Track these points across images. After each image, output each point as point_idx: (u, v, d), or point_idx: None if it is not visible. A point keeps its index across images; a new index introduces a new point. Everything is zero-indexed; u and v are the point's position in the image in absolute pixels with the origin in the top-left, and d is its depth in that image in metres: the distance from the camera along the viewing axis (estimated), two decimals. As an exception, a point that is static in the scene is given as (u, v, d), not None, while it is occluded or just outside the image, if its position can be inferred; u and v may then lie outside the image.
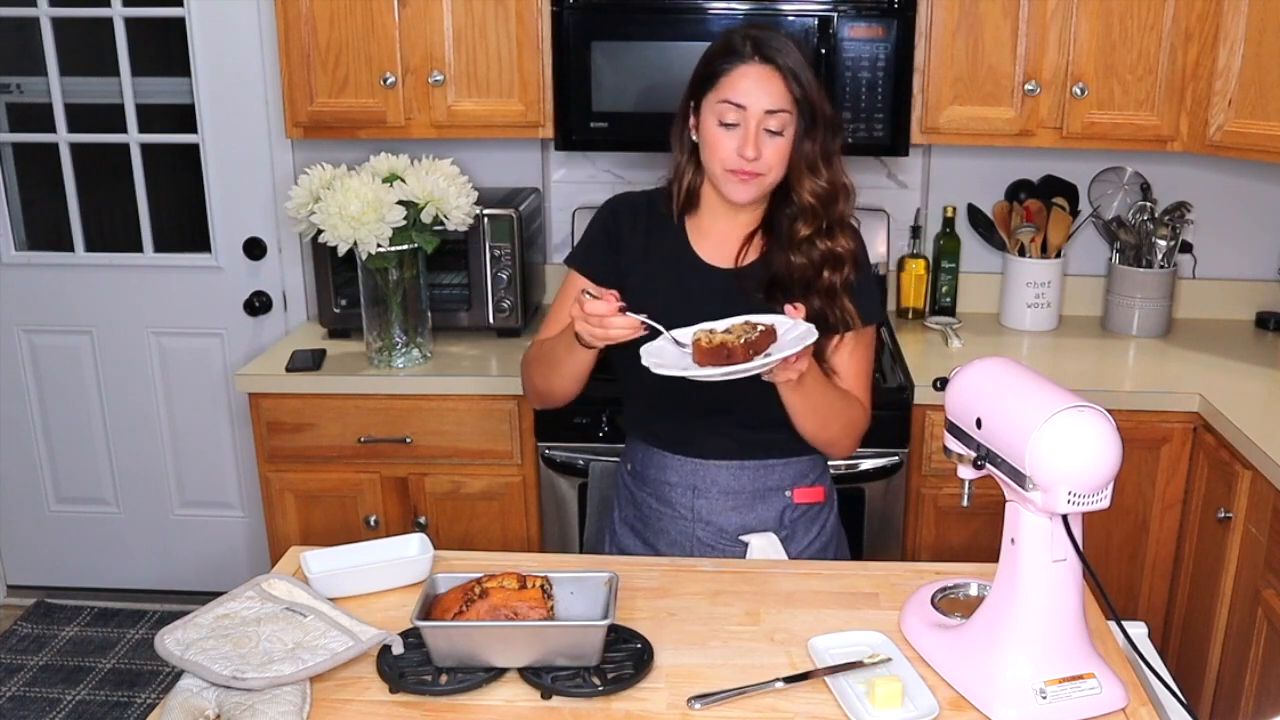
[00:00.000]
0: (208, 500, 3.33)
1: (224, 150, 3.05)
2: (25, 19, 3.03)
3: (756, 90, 1.63)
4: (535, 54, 2.59)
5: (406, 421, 2.53)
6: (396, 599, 1.54)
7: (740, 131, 1.64)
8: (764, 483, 1.78)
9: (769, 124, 1.64)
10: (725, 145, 1.65)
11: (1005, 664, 1.30)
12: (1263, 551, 2.09)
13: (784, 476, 1.79)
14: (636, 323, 1.54)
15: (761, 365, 1.49)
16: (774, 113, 1.64)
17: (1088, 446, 1.22)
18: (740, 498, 1.77)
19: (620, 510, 1.91)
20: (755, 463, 1.77)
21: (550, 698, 1.32)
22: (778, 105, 1.64)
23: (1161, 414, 2.41)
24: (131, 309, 3.18)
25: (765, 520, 1.78)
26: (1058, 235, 2.82)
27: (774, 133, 1.65)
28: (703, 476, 1.77)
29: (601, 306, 1.54)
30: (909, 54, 2.49)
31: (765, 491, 1.78)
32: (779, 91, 1.64)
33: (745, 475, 1.77)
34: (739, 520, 1.78)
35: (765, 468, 1.78)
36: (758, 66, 1.64)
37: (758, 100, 1.63)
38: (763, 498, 1.78)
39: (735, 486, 1.77)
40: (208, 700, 1.30)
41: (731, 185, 1.68)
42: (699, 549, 1.79)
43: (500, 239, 2.67)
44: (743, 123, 1.64)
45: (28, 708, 2.89)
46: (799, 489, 1.80)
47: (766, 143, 1.65)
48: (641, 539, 1.85)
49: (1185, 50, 2.47)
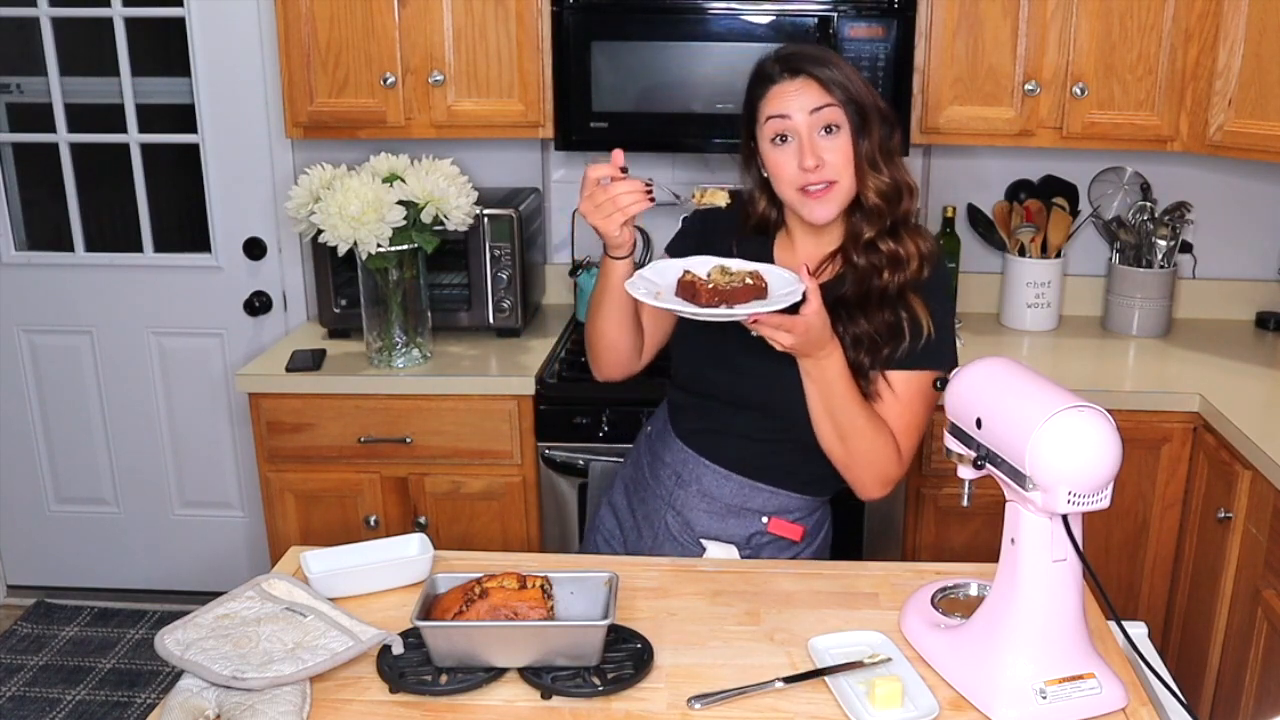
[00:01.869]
0: (208, 500, 3.33)
1: (224, 150, 3.05)
2: (25, 19, 3.03)
3: (795, 98, 1.60)
4: (535, 54, 2.59)
5: (406, 421, 2.53)
6: (396, 599, 1.54)
7: (794, 144, 1.61)
8: (743, 501, 1.75)
9: (819, 124, 1.59)
10: (787, 165, 1.61)
11: (1005, 664, 1.30)
12: (1263, 551, 2.09)
13: (767, 503, 1.75)
14: (640, 184, 1.52)
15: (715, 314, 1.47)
16: (819, 110, 1.59)
17: (1088, 446, 1.22)
18: (716, 504, 1.76)
19: (625, 469, 1.93)
20: (742, 479, 1.74)
21: (550, 698, 1.32)
22: (820, 103, 1.59)
23: (1161, 414, 2.41)
24: (131, 309, 3.18)
25: (733, 534, 1.76)
26: (1058, 235, 2.82)
27: (828, 131, 1.60)
28: (690, 470, 1.77)
29: (604, 169, 1.52)
30: (909, 54, 2.49)
31: (742, 509, 1.75)
32: (817, 92, 1.59)
33: (728, 486, 1.75)
34: (707, 524, 1.76)
35: (751, 488, 1.74)
36: (789, 82, 1.61)
37: (799, 105, 1.59)
38: (737, 514, 1.75)
39: (715, 492, 1.76)
40: (208, 700, 1.30)
41: (808, 207, 1.63)
42: (664, 534, 1.79)
43: (500, 239, 2.67)
44: (793, 133, 1.61)
45: (28, 708, 2.89)
46: (776, 519, 1.75)
47: (823, 145, 1.60)
48: (628, 500, 1.87)
49: (1185, 50, 2.47)
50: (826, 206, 1.63)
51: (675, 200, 1.59)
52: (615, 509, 1.91)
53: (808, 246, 1.73)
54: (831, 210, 1.63)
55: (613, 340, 1.75)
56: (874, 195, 1.63)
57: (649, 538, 1.81)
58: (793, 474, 1.73)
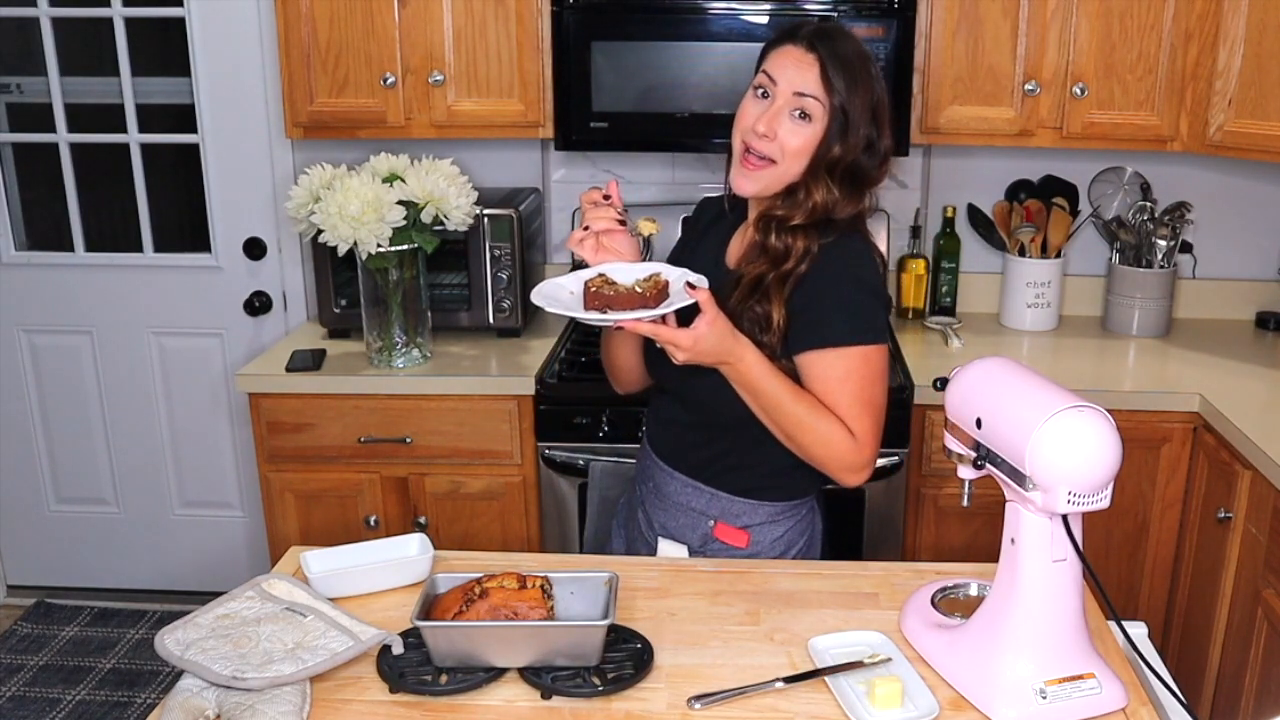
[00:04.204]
0: (208, 500, 3.33)
1: (224, 150, 3.05)
2: (25, 19, 3.03)
3: (793, 68, 1.56)
4: (535, 54, 2.59)
5: (406, 421, 2.53)
6: (396, 599, 1.54)
7: (766, 105, 1.57)
8: (688, 501, 1.74)
9: (795, 105, 1.55)
10: (749, 115, 1.58)
11: (1005, 664, 1.30)
12: (1263, 551, 2.09)
13: (710, 505, 1.72)
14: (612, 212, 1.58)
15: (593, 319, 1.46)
16: (804, 96, 1.55)
17: (1088, 446, 1.22)
18: (667, 502, 1.76)
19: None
20: (685, 478, 1.74)
21: (550, 698, 1.32)
22: (809, 90, 1.55)
23: (1161, 414, 2.41)
24: (131, 309, 3.18)
25: (687, 535, 1.75)
26: (1058, 235, 2.82)
27: (800, 116, 1.56)
28: (646, 466, 1.80)
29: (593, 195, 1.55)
30: (909, 54, 2.49)
31: (688, 509, 1.74)
32: (814, 79, 1.55)
33: (673, 484, 1.75)
34: (664, 520, 1.77)
35: (693, 488, 1.73)
36: (802, 50, 1.56)
37: (789, 78, 1.56)
38: (685, 513, 1.75)
39: (665, 490, 1.76)
40: (208, 700, 1.30)
41: (736, 172, 1.60)
42: (636, 533, 1.83)
43: (500, 239, 2.67)
44: (771, 97, 1.57)
45: (28, 708, 2.89)
46: (722, 524, 1.72)
47: (788, 126, 1.56)
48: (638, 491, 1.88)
49: (1185, 50, 2.47)
50: (751, 181, 1.59)
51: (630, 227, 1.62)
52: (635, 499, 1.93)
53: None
54: (754, 186, 1.60)
55: (625, 360, 1.79)
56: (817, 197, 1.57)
57: (635, 537, 1.84)
58: (732, 475, 1.71)
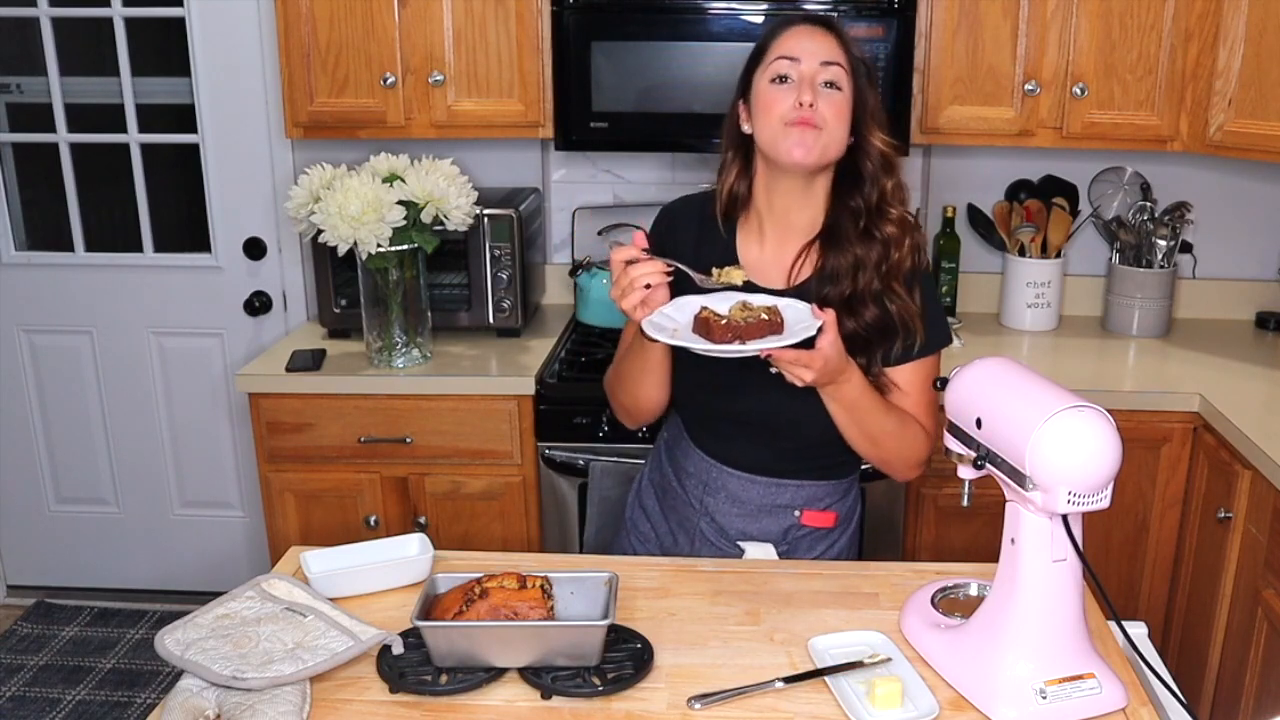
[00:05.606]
0: (208, 500, 3.33)
1: (224, 150, 3.05)
2: (25, 19, 3.03)
3: (810, 42, 1.56)
4: (535, 54, 2.59)
5: (406, 421, 2.53)
6: (396, 599, 1.54)
7: (794, 85, 1.55)
8: (772, 499, 1.75)
9: (823, 76, 1.55)
10: (781, 102, 1.55)
11: (1005, 664, 1.30)
12: (1263, 551, 2.09)
13: (795, 497, 1.75)
14: (661, 265, 1.50)
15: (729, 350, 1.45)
16: (830, 64, 1.55)
17: (1088, 446, 1.22)
18: (746, 506, 1.75)
19: (650, 472, 1.91)
20: (767, 480, 1.74)
21: (550, 698, 1.32)
22: (832, 57, 1.55)
23: (1161, 414, 2.41)
24: (131, 309, 3.18)
25: (769, 532, 1.76)
26: (1058, 235, 2.82)
27: (830, 86, 1.55)
28: (714, 478, 1.76)
29: (629, 251, 1.50)
30: (909, 54, 2.49)
31: (772, 507, 1.75)
32: (833, 46, 1.56)
33: (754, 489, 1.74)
34: (741, 526, 1.76)
35: (776, 486, 1.74)
36: (809, 27, 1.58)
37: (812, 51, 1.55)
38: (769, 512, 1.75)
39: (742, 496, 1.75)
40: (208, 700, 1.30)
41: (791, 141, 1.55)
42: (700, 539, 1.78)
43: (500, 239, 2.67)
44: (797, 76, 1.55)
45: (28, 708, 2.89)
46: (809, 511, 1.75)
47: (823, 96, 1.55)
48: (659, 504, 1.85)
49: (1185, 50, 2.47)
50: (808, 147, 1.55)
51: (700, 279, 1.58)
52: (647, 512, 1.89)
53: (779, 235, 1.67)
54: (811, 154, 1.56)
55: (649, 394, 1.74)
56: (880, 145, 1.60)
57: (685, 544, 1.80)
58: (814, 465, 1.73)
